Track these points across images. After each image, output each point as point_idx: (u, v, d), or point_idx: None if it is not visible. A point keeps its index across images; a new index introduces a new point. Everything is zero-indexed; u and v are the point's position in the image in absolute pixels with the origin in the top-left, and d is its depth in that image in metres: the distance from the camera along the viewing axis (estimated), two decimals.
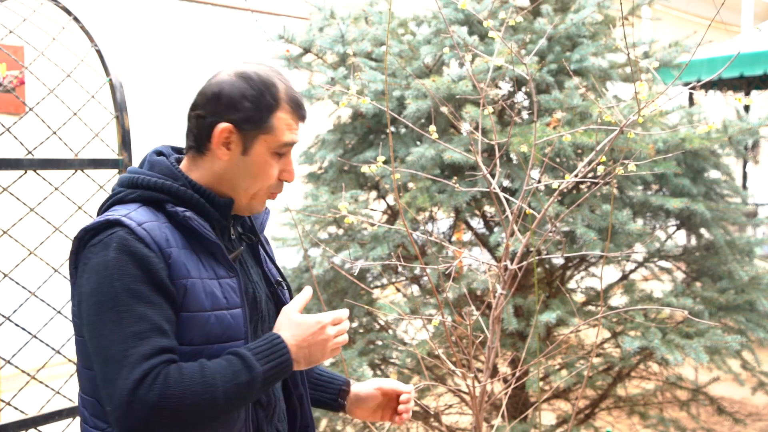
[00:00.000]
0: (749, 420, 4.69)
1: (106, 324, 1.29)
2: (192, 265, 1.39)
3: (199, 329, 1.38)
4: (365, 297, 3.33)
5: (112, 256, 1.31)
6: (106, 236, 1.34)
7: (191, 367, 1.31)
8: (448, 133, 3.25)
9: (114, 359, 1.27)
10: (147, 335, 1.29)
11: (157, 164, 1.46)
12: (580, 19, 3.15)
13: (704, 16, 11.38)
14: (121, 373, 1.26)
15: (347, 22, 3.44)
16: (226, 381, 1.31)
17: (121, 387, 1.25)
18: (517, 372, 2.18)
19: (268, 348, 1.38)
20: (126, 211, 1.38)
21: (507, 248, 2.03)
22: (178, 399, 1.26)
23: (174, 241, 1.38)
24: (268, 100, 1.43)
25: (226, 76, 1.45)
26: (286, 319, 1.45)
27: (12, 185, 2.16)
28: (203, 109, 1.44)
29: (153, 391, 1.25)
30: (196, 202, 1.44)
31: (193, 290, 1.37)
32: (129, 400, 1.25)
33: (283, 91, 1.45)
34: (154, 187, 1.42)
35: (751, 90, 7.61)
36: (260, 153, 1.45)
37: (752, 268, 3.28)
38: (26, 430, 2.16)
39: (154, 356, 1.28)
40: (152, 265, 1.33)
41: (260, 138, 1.44)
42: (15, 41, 4.93)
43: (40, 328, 2.18)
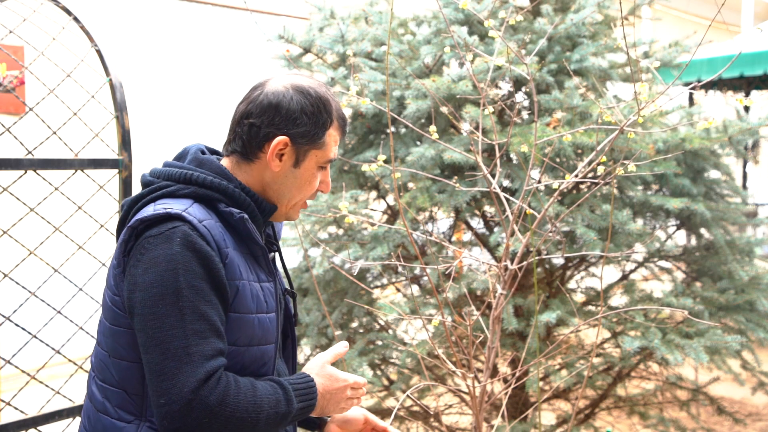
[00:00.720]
0: (749, 420, 4.69)
1: (168, 317, 1.29)
2: (243, 267, 1.41)
3: (244, 331, 1.40)
4: (365, 297, 3.32)
5: (177, 250, 1.31)
6: (167, 229, 1.33)
7: (245, 383, 1.35)
8: (448, 133, 3.25)
9: (175, 354, 1.28)
10: (207, 335, 1.30)
11: (207, 162, 1.46)
12: (580, 19, 3.15)
13: (704, 16, 11.38)
14: (183, 369, 1.27)
15: (347, 22, 3.44)
16: (270, 406, 1.36)
17: (184, 383, 1.26)
18: (517, 372, 2.18)
19: (305, 388, 1.43)
20: (182, 207, 1.37)
21: (507, 248, 2.03)
22: (233, 410, 1.30)
23: (228, 242, 1.40)
24: (324, 117, 1.46)
25: (282, 88, 1.45)
26: (321, 366, 1.51)
27: (12, 185, 2.16)
28: (259, 119, 1.44)
29: (214, 395, 1.28)
30: (248, 206, 1.45)
31: (243, 292, 1.39)
32: (190, 398, 1.26)
33: (335, 108, 1.49)
34: (210, 186, 1.42)
35: (751, 90, 7.61)
36: (310, 167, 1.49)
37: (752, 268, 3.28)
38: (26, 430, 2.16)
39: (215, 357, 1.30)
40: (214, 264, 1.33)
41: (312, 152, 1.47)
42: (15, 41, 4.93)
43: (40, 328, 2.18)
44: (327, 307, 3.31)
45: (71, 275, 2.35)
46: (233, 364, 1.39)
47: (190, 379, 1.26)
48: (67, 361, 2.40)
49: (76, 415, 2.29)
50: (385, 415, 3.48)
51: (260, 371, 1.45)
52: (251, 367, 1.43)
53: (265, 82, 1.48)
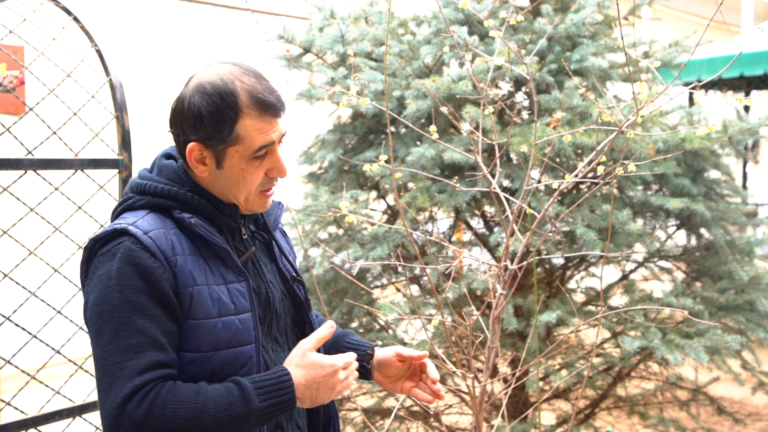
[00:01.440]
0: (749, 420, 4.69)
1: (105, 334, 1.31)
2: (198, 272, 1.39)
3: (206, 336, 1.38)
4: (365, 297, 3.32)
5: (116, 266, 1.32)
6: (113, 246, 1.35)
7: (185, 390, 1.31)
8: (448, 133, 3.25)
9: (109, 371, 1.29)
10: (143, 349, 1.30)
11: (165, 169, 1.46)
12: (580, 19, 3.15)
13: (704, 16, 11.38)
14: (113, 385, 1.28)
15: (347, 22, 3.44)
16: (218, 410, 1.30)
17: (112, 399, 1.27)
18: (517, 372, 2.18)
19: (273, 384, 1.37)
20: (134, 219, 1.39)
21: (507, 248, 2.03)
22: (166, 420, 1.27)
23: (181, 248, 1.38)
24: (226, 113, 1.38)
25: (188, 89, 1.42)
26: (301, 356, 1.43)
27: (12, 185, 2.16)
28: (174, 128, 1.45)
29: (140, 408, 1.26)
30: (204, 207, 1.44)
31: (199, 298, 1.37)
32: (117, 414, 1.26)
33: (245, 96, 1.40)
34: (161, 194, 1.42)
35: (751, 90, 7.61)
36: (234, 164, 1.42)
37: (752, 268, 3.28)
38: (26, 430, 2.16)
39: (148, 371, 1.29)
40: (155, 276, 1.33)
41: (230, 150, 1.41)
42: (15, 41, 4.93)
43: (40, 328, 2.18)
44: (327, 307, 3.31)
45: (71, 275, 2.35)
46: (201, 370, 1.37)
47: (118, 395, 1.27)
48: (67, 361, 2.40)
49: (76, 415, 2.29)
50: (385, 415, 3.48)
51: (239, 373, 1.41)
52: (225, 370, 1.39)
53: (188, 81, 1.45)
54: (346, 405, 3.50)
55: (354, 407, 3.47)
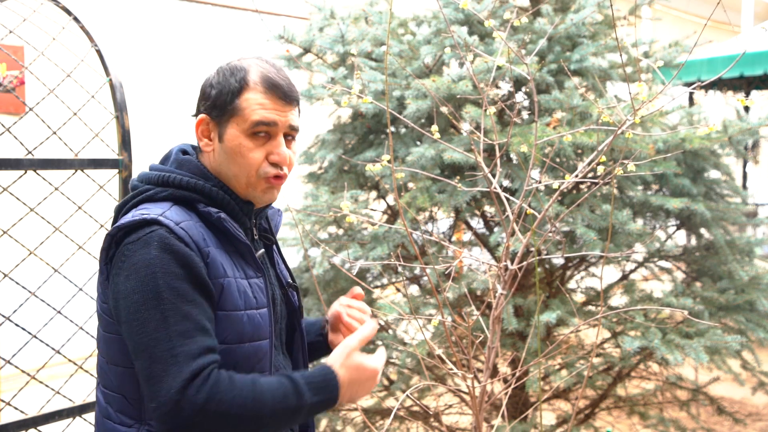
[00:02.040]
0: (749, 420, 4.69)
1: (151, 322, 1.29)
2: (227, 265, 1.41)
3: (233, 328, 1.39)
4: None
5: (155, 254, 1.31)
6: (144, 234, 1.34)
7: (243, 379, 1.32)
8: (449, 133, 3.25)
9: (161, 357, 1.28)
10: (192, 334, 1.30)
11: (186, 163, 1.47)
12: (580, 19, 3.15)
13: (704, 16, 11.38)
14: (169, 371, 1.26)
15: (347, 22, 3.44)
16: (275, 401, 1.32)
17: (170, 385, 1.26)
18: (517, 372, 2.17)
19: (321, 381, 1.38)
20: (160, 210, 1.38)
21: (507, 248, 2.03)
22: (226, 406, 1.27)
23: (209, 240, 1.40)
24: (231, 84, 1.44)
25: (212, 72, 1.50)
26: (346, 356, 1.43)
27: (12, 185, 2.16)
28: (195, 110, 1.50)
29: (202, 392, 1.26)
30: (227, 203, 1.45)
31: (229, 289, 1.39)
32: (177, 399, 1.25)
33: (255, 74, 1.44)
34: (187, 187, 1.43)
35: (751, 90, 7.61)
36: (234, 136, 1.44)
37: (752, 268, 3.28)
38: (26, 430, 2.16)
39: (202, 356, 1.29)
40: (194, 264, 1.34)
41: (231, 122, 1.44)
42: (15, 41, 4.93)
43: (40, 328, 2.18)
44: (327, 307, 3.31)
45: (71, 275, 2.35)
46: (226, 362, 1.38)
47: (176, 380, 1.26)
48: (67, 361, 2.40)
49: (76, 415, 2.29)
50: (385, 415, 3.48)
51: (255, 368, 1.43)
52: (245, 364, 1.41)
53: None
54: (346, 405, 3.50)
55: (354, 407, 3.47)
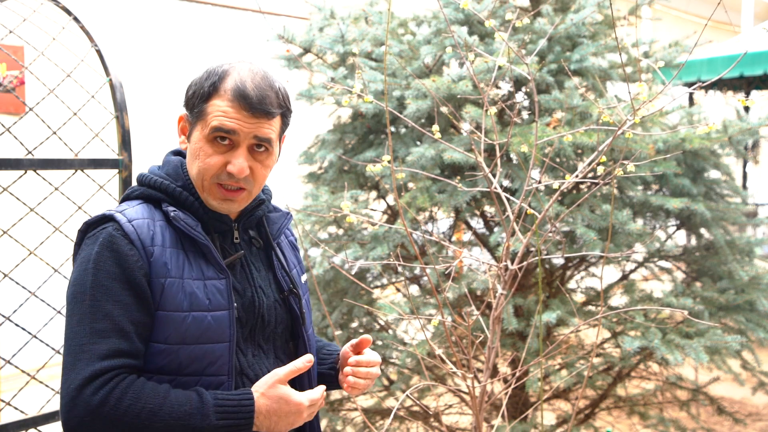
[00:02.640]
0: (749, 420, 4.69)
1: (75, 315, 1.34)
2: (175, 265, 1.40)
3: (175, 329, 1.38)
4: (365, 297, 3.32)
5: (97, 250, 1.37)
6: (98, 230, 1.40)
7: (146, 388, 1.32)
8: (449, 133, 3.25)
9: (73, 351, 1.32)
10: (108, 335, 1.32)
11: (167, 163, 1.53)
12: (580, 19, 3.15)
13: (704, 16, 11.38)
14: (75, 367, 1.30)
15: (347, 22, 3.44)
16: (172, 416, 1.31)
17: (71, 380, 1.30)
18: (517, 372, 2.18)
19: (234, 405, 1.37)
20: (125, 207, 1.45)
21: (507, 248, 2.03)
22: (119, 414, 1.29)
23: (161, 240, 1.41)
24: (205, 87, 1.45)
25: None
26: (270, 386, 1.42)
27: (12, 185, 2.16)
28: None
29: (97, 395, 1.28)
30: (191, 204, 1.47)
31: (170, 290, 1.39)
32: (74, 395, 1.29)
33: (230, 81, 1.43)
34: (153, 186, 1.48)
35: (751, 90, 7.61)
36: (197, 139, 1.46)
37: (752, 268, 3.28)
38: (26, 430, 2.15)
39: (109, 358, 1.31)
40: (129, 263, 1.36)
41: (198, 124, 1.47)
42: (15, 41, 4.93)
43: (40, 328, 2.18)
44: (327, 307, 3.31)
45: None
46: (168, 362, 1.38)
47: (77, 376, 1.29)
48: None
49: None
50: (385, 415, 3.48)
51: (207, 371, 1.41)
52: (192, 366, 1.40)
53: None
54: (347, 405, 3.50)
55: (354, 407, 3.47)
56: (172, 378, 1.39)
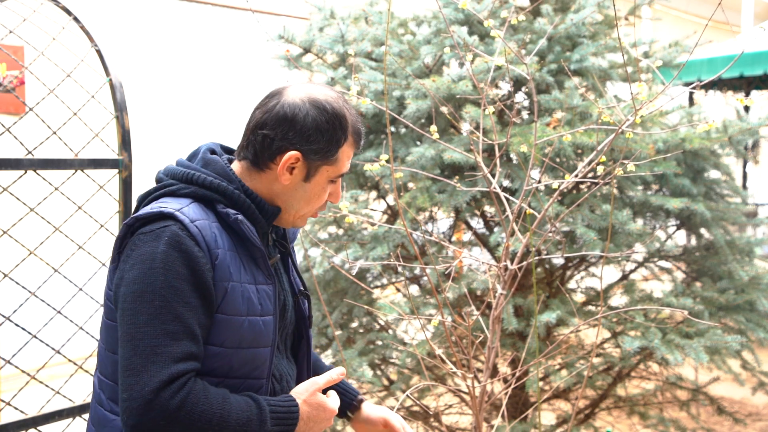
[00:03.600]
0: (749, 420, 4.69)
1: (142, 315, 1.30)
2: (234, 269, 1.41)
3: (233, 333, 1.40)
4: (365, 297, 3.32)
5: (162, 249, 1.33)
6: (158, 227, 1.35)
7: (215, 394, 1.33)
8: (448, 133, 3.25)
9: (142, 352, 1.29)
10: (179, 337, 1.31)
11: (212, 163, 1.48)
12: (580, 19, 3.15)
13: (704, 16, 11.38)
14: (148, 368, 1.28)
15: (347, 22, 3.44)
16: (238, 422, 1.33)
17: (146, 382, 1.27)
18: (517, 372, 2.18)
19: (285, 412, 1.41)
20: (179, 206, 1.39)
21: (507, 248, 2.03)
22: (193, 418, 1.29)
23: (221, 242, 1.40)
24: (338, 135, 1.46)
25: (299, 101, 1.45)
26: (312, 393, 1.48)
27: (12, 185, 2.16)
28: (273, 131, 1.44)
29: (175, 399, 1.27)
30: (247, 207, 1.46)
31: (232, 294, 1.39)
32: (151, 398, 1.26)
33: (351, 123, 1.48)
34: (209, 186, 1.44)
35: (751, 90, 7.61)
36: (320, 181, 1.49)
37: (752, 268, 3.28)
38: (26, 430, 2.16)
39: (183, 361, 1.30)
40: (199, 266, 1.34)
41: (323, 168, 1.48)
42: (15, 41, 4.93)
43: (40, 328, 2.18)
44: (327, 307, 3.31)
45: (71, 275, 2.35)
46: (221, 365, 1.39)
47: (153, 379, 1.27)
48: (67, 361, 2.40)
49: (76, 415, 2.29)
50: None
51: (252, 374, 1.44)
52: (241, 369, 1.42)
53: (282, 91, 1.47)
54: None
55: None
56: (220, 380, 1.40)
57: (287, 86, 1.49)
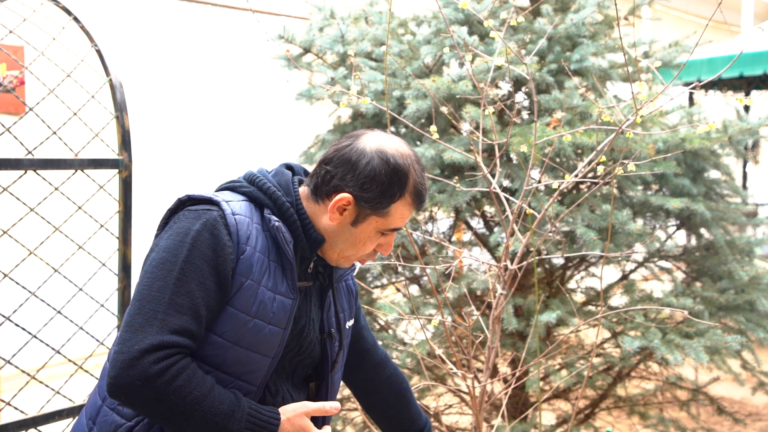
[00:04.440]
0: (749, 420, 4.69)
1: (158, 281, 1.36)
2: (259, 270, 1.44)
3: (235, 328, 1.42)
4: (365, 297, 3.33)
5: (197, 228, 1.39)
6: (202, 209, 1.43)
7: (201, 378, 1.35)
8: (448, 133, 3.25)
9: (146, 314, 1.33)
10: (183, 311, 1.35)
11: (280, 175, 1.55)
12: (580, 19, 3.15)
13: (704, 16, 11.38)
14: (144, 329, 1.32)
15: (347, 22, 3.44)
16: (211, 411, 1.34)
17: (137, 341, 1.30)
18: (517, 372, 2.18)
19: (264, 420, 1.41)
20: (230, 198, 1.47)
21: (507, 248, 2.03)
22: (168, 391, 1.30)
23: (255, 242, 1.44)
24: (394, 191, 1.48)
25: (369, 148, 1.48)
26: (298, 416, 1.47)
27: (12, 185, 2.16)
28: (334, 169, 1.49)
29: (158, 366, 1.30)
30: (293, 222, 1.50)
31: (247, 291, 1.42)
32: (135, 356, 1.29)
33: (412, 183, 1.50)
34: (264, 191, 1.50)
35: (751, 90, 7.61)
36: (368, 230, 1.52)
37: (752, 268, 3.28)
38: (26, 430, 2.16)
39: (177, 334, 1.33)
40: (224, 253, 1.40)
41: (373, 218, 1.50)
42: (15, 41, 4.93)
43: (40, 328, 2.18)
44: None
45: (71, 275, 2.35)
46: (215, 355, 1.41)
47: (144, 340, 1.30)
48: (67, 361, 2.40)
49: (76, 415, 2.29)
50: None
51: (244, 376, 1.44)
52: (233, 366, 1.43)
53: (360, 135, 1.52)
54: (346, 405, 3.50)
55: (354, 407, 3.47)
56: (211, 370, 1.42)
57: (367, 132, 1.53)
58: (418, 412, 1.89)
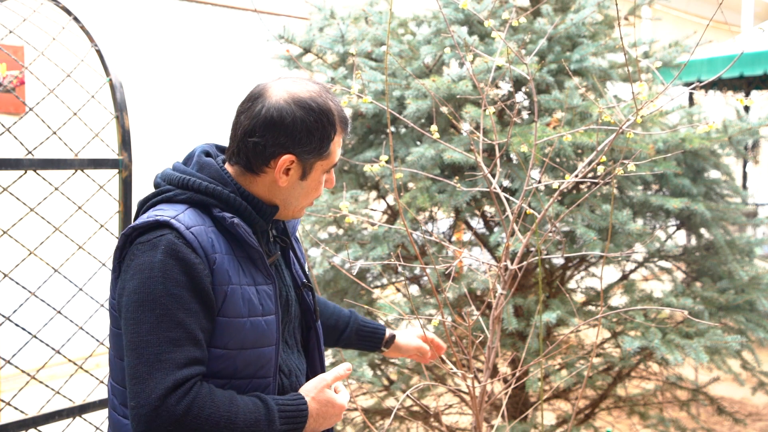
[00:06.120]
0: (749, 420, 4.69)
1: (144, 324, 1.32)
2: (233, 271, 1.42)
3: (235, 335, 1.41)
4: (365, 297, 3.33)
5: (159, 258, 1.34)
6: (154, 237, 1.36)
7: (221, 396, 1.34)
8: (448, 133, 3.25)
9: (148, 360, 1.30)
10: (182, 343, 1.32)
11: (207, 166, 1.48)
12: (580, 19, 3.15)
13: (704, 16, 11.38)
14: (153, 376, 1.29)
15: (347, 22, 3.44)
16: (246, 424, 1.34)
17: (152, 389, 1.28)
18: (517, 372, 2.18)
19: (293, 411, 1.42)
20: (174, 213, 1.40)
21: (507, 248, 2.03)
22: (201, 422, 1.30)
23: (218, 246, 1.41)
24: (328, 131, 1.47)
25: (284, 103, 1.43)
26: (320, 390, 1.49)
27: (12, 185, 2.16)
28: (263, 138, 1.44)
29: (181, 404, 1.28)
30: (244, 209, 1.47)
31: (232, 297, 1.40)
32: (157, 405, 1.27)
33: (337, 114, 1.49)
34: (204, 191, 1.44)
35: (751, 90, 7.61)
36: (316, 177, 1.51)
37: (752, 268, 3.28)
38: (26, 430, 2.16)
39: (187, 366, 1.31)
40: (196, 272, 1.35)
41: (318, 164, 1.49)
42: (15, 41, 4.93)
43: (40, 328, 2.18)
44: None
45: (71, 275, 2.35)
46: (226, 367, 1.40)
47: (159, 386, 1.28)
48: (67, 361, 2.40)
49: (76, 415, 2.29)
50: (385, 415, 3.48)
51: (258, 374, 1.45)
52: (246, 369, 1.43)
53: (264, 93, 1.46)
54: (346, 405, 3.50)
55: (354, 407, 3.47)
56: (226, 381, 1.41)
57: (267, 86, 1.47)
58: (336, 306, 1.94)
